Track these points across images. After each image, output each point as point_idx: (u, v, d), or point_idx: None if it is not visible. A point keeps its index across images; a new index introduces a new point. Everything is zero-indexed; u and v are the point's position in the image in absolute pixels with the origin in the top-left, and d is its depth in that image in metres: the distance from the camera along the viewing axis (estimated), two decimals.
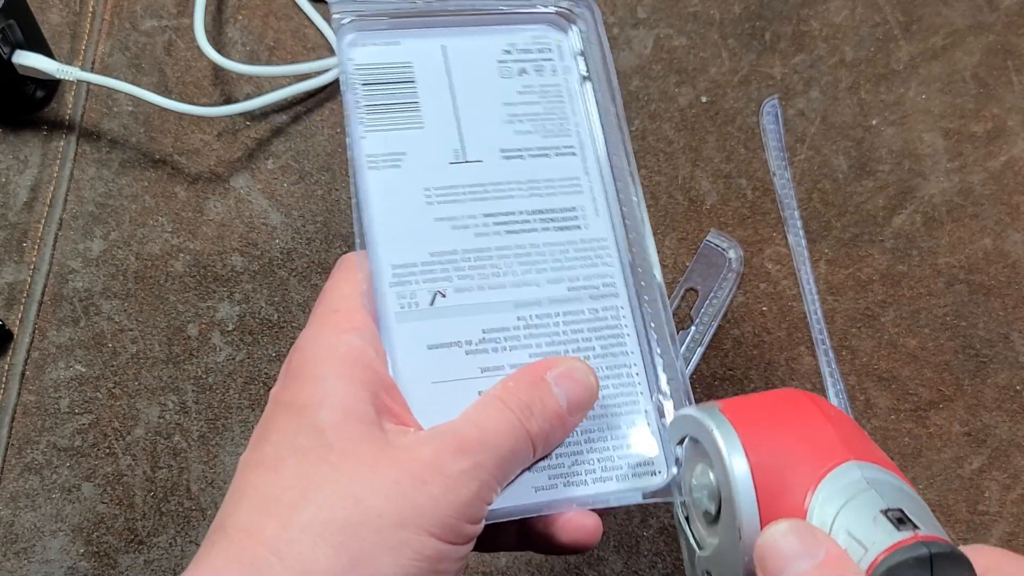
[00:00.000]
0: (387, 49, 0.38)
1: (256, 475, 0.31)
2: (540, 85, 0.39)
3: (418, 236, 0.36)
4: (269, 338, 0.51)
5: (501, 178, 0.38)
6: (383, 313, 0.34)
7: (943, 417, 0.52)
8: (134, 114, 0.56)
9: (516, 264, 0.36)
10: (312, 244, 0.53)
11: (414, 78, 0.38)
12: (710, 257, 0.54)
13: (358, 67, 0.38)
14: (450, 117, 0.38)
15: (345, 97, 0.37)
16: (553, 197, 0.38)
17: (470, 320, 0.35)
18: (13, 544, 0.47)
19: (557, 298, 0.36)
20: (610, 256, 0.37)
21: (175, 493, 0.48)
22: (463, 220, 0.37)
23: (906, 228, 0.55)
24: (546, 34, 0.40)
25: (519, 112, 0.39)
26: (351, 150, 0.36)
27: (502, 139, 0.38)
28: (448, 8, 0.39)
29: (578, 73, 0.40)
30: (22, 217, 0.53)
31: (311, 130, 0.56)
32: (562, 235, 0.37)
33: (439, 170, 0.37)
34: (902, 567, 0.26)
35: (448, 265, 0.36)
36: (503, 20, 0.40)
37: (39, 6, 0.57)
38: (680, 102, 0.58)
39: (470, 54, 0.39)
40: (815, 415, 0.31)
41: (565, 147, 0.39)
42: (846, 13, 0.60)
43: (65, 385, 0.50)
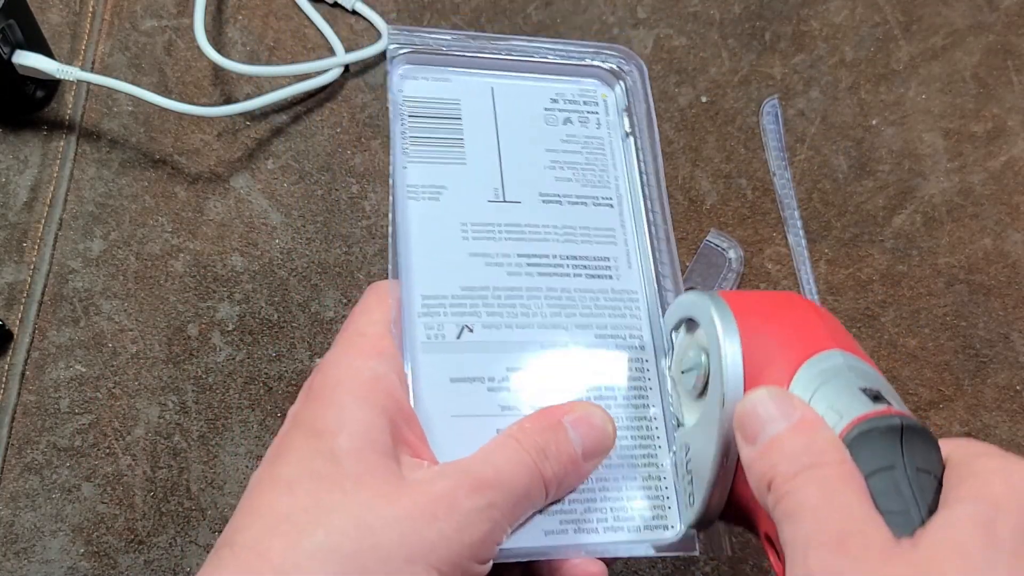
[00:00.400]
0: (437, 84, 0.39)
1: (270, 494, 0.30)
2: (584, 136, 0.40)
3: (451, 269, 0.36)
4: (269, 338, 0.51)
5: (538, 221, 0.38)
6: (409, 342, 0.34)
7: (943, 417, 0.51)
8: (134, 114, 0.56)
9: (545, 306, 0.36)
10: (312, 244, 0.53)
11: (461, 115, 0.39)
12: (710, 257, 0.54)
13: (407, 99, 0.38)
14: (493, 156, 0.38)
15: (392, 126, 0.37)
16: (588, 245, 0.38)
17: (495, 357, 0.35)
18: (13, 544, 0.47)
19: (585, 344, 0.36)
20: (639, 309, 0.38)
21: (175, 493, 0.48)
22: (497, 258, 0.37)
23: (906, 228, 0.55)
24: (594, 88, 0.41)
25: (561, 159, 0.39)
26: (393, 178, 0.36)
27: (542, 183, 0.39)
28: (500, 52, 0.40)
29: (622, 128, 0.40)
30: (22, 217, 0.53)
31: (311, 130, 0.56)
32: (593, 283, 0.37)
33: (477, 207, 0.37)
34: (873, 433, 0.28)
35: (478, 300, 0.36)
36: (553, 70, 0.41)
37: (39, 6, 0.57)
38: (680, 102, 0.58)
39: (517, 98, 0.40)
40: (808, 311, 0.33)
41: (603, 198, 0.39)
42: (846, 13, 0.60)
43: (65, 385, 0.50)
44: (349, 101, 0.57)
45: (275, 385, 0.50)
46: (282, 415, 0.50)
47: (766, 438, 0.29)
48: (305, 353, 0.51)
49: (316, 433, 0.31)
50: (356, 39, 0.58)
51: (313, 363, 0.51)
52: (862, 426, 0.28)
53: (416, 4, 0.59)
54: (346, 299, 0.52)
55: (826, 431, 0.28)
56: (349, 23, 0.59)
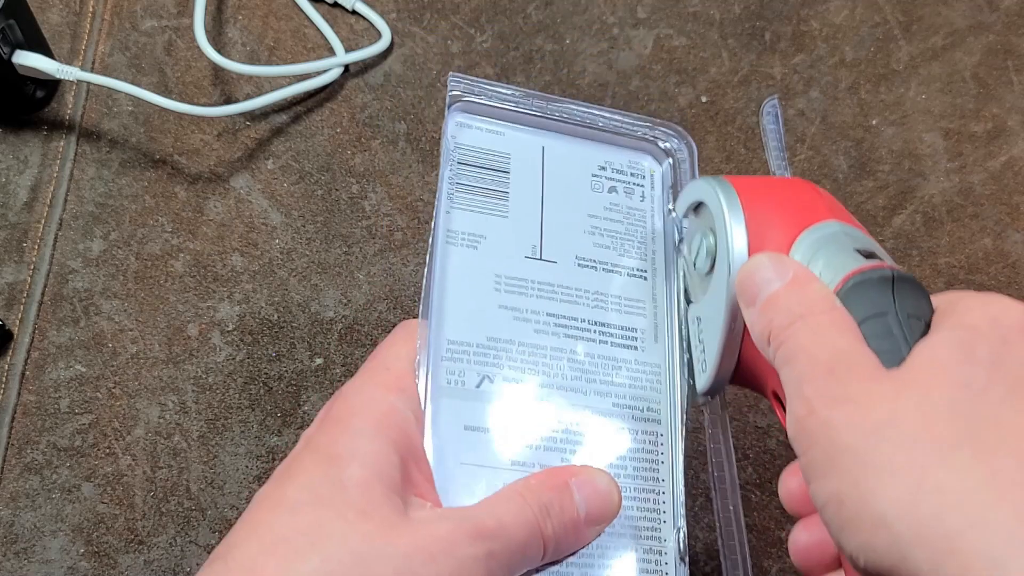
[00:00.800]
0: (490, 136, 0.40)
1: (272, 513, 0.31)
2: (627, 206, 0.40)
3: (480, 318, 0.36)
4: (269, 338, 0.51)
5: (571, 283, 0.38)
6: (428, 386, 0.34)
7: None
8: (134, 114, 0.56)
9: (568, 368, 0.37)
10: (312, 244, 0.53)
11: (510, 169, 0.39)
12: None
13: (459, 145, 0.39)
14: (535, 214, 0.39)
15: (442, 170, 0.38)
16: (617, 314, 0.38)
17: (511, 411, 0.35)
18: (13, 544, 0.47)
19: (602, 411, 0.36)
20: (661, 383, 0.38)
21: (175, 493, 0.48)
22: (526, 313, 0.37)
23: (906, 228, 0.55)
24: (642, 160, 0.41)
25: (601, 226, 0.40)
26: (436, 220, 0.37)
27: (579, 247, 0.39)
28: (555, 114, 0.40)
29: (665, 205, 0.41)
30: (22, 217, 0.53)
31: (311, 130, 0.56)
32: (618, 352, 0.38)
33: (513, 261, 0.38)
34: (866, 284, 0.30)
35: (502, 352, 0.36)
36: (604, 138, 0.41)
37: (39, 6, 0.57)
38: (680, 102, 0.58)
39: (567, 160, 0.40)
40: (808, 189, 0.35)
41: (638, 270, 0.39)
42: (846, 13, 0.60)
43: (65, 385, 0.50)
44: (349, 101, 0.57)
45: (275, 385, 0.50)
46: (282, 415, 0.50)
47: (763, 297, 0.31)
48: (305, 353, 0.51)
49: (328, 458, 0.31)
50: (356, 39, 0.58)
51: (313, 363, 0.51)
52: (856, 278, 0.30)
53: (416, 4, 0.59)
54: (346, 299, 0.52)
55: (818, 285, 0.30)
56: (349, 23, 0.59)
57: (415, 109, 0.57)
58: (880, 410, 0.26)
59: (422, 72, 0.58)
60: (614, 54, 0.58)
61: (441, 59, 0.58)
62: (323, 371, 0.51)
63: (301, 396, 0.50)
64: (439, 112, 0.57)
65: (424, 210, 0.54)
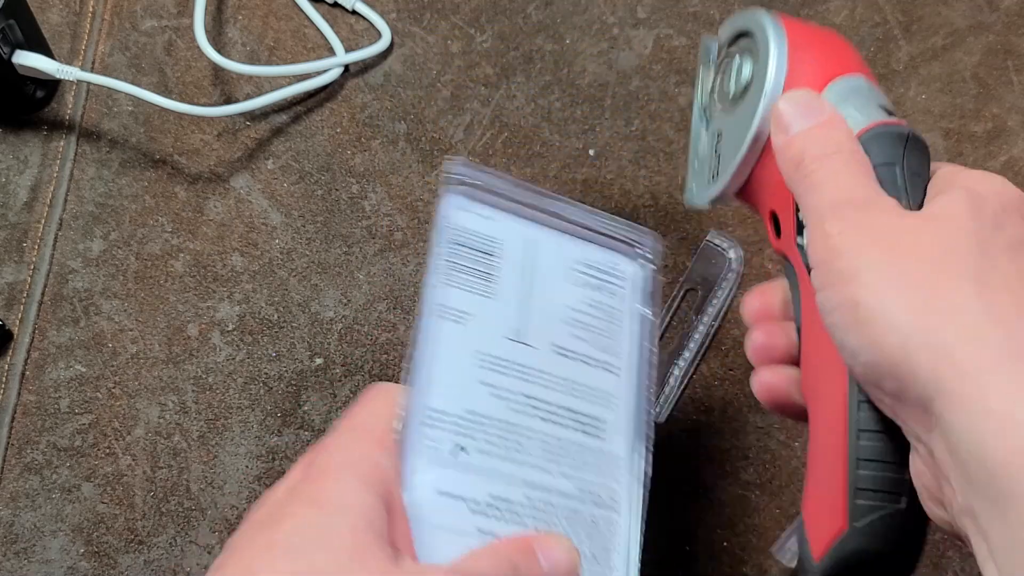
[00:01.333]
0: (482, 220, 0.41)
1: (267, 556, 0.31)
2: (605, 304, 0.43)
3: (460, 390, 0.38)
4: (269, 338, 0.51)
5: (547, 368, 0.40)
6: (407, 448, 0.36)
7: None
8: (134, 114, 0.56)
9: (538, 448, 0.38)
10: (312, 244, 0.53)
11: (498, 254, 0.41)
12: (710, 257, 0.54)
13: (451, 226, 0.40)
14: (519, 299, 0.41)
15: (435, 245, 0.40)
16: (587, 403, 0.40)
17: (482, 481, 0.37)
18: (13, 544, 0.47)
19: (565, 492, 0.38)
20: (620, 474, 0.40)
21: (175, 493, 0.48)
22: (503, 392, 0.39)
23: None
24: (620, 262, 0.44)
25: (580, 319, 0.42)
26: (425, 291, 0.39)
27: (558, 336, 0.41)
28: (545, 207, 0.43)
29: (640, 308, 0.43)
30: (22, 217, 0.53)
31: (311, 130, 0.56)
32: (585, 439, 0.40)
33: (495, 341, 0.39)
34: (884, 136, 0.34)
35: (477, 426, 0.38)
36: (588, 236, 0.44)
37: (39, 6, 0.57)
38: (680, 102, 0.58)
39: (554, 253, 0.43)
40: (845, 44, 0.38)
41: (610, 364, 0.42)
42: (846, 13, 0.60)
43: (65, 385, 0.50)
44: (349, 101, 0.57)
45: (275, 385, 0.50)
46: (282, 415, 0.50)
47: (798, 128, 0.35)
48: (305, 353, 0.51)
49: (318, 505, 0.32)
50: (356, 39, 0.58)
51: (313, 363, 0.51)
52: (877, 130, 0.35)
53: (416, 4, 0.59)
54: (346, 299, 0.52)
55: (847, 129, 0.34)
56: (349, 23, 0.59)
57: (415, 109, 0.57)
58: (905, 239, 0.31)
59: (422, 72, 0.58)
60: (614, 54, 0.59)
61: (441, 59, 0.58)
62: (323, 371, 0.51)
63: (301, 396, 0.50)
64: (439, 112, 0.57)
65: (424, 210, 0.54)
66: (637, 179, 0.56)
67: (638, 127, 0.57)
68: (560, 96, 0.57)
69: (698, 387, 0.52)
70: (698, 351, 0.52)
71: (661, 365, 0.52)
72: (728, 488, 0.50)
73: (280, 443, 0.49)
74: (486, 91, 0.57)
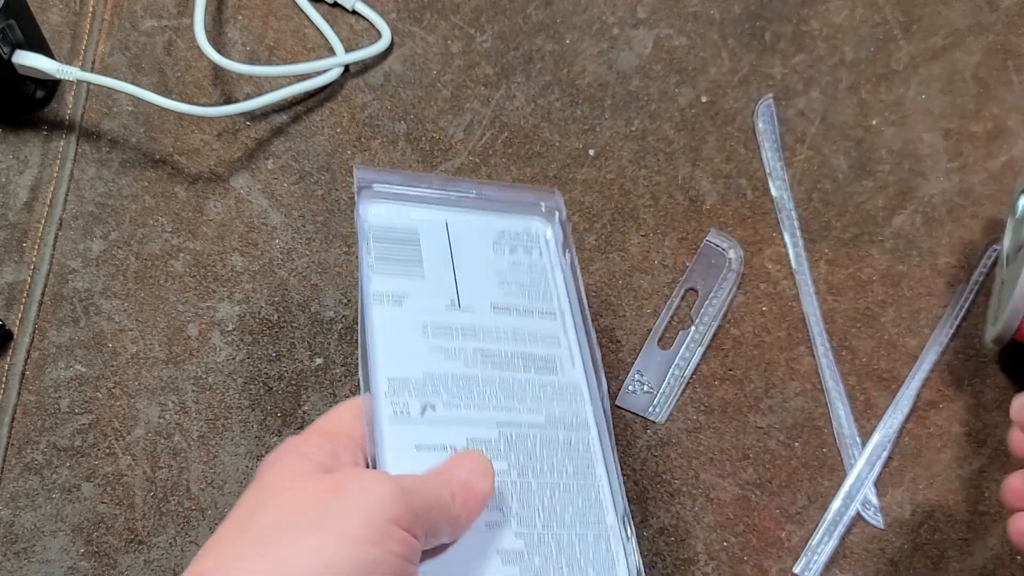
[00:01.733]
0: (398, 215, 0.45)
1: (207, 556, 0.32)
2: (528, 263, 0.46)
3: (414, 359, 0.40)
4: (269, 338, 0.51)
5: (490, 324, 0.43)
6: (377, 419, 0.38)
7: (943, 417, 0.52)
8: (134, 114, 0.56)
9: (500, 392, 0.41)
10: (312, 244, 0.53)
11: (418, 240, 0.44)
12: (710, 257, 0.54)
13: (371, 226, 0.44)
14: (448, 274, 0.44)
15: (360, 244, 0.43)
16: (535, 346, 0.43)
17: (456, 430, 0.39)
18: (13, 544, 0.47)
19: (535, 423, 0.41)
20: (583, 398, 0.43)
21: (175, 493, 0.48)
22: (455, 352, 0.41)
23: (906, 228, 0.55)
24: (535, 226, 0.47)
25: (509, 279, 0.45)
26: (360, 284, 0.41)
27: (493, 296, 0.44)
28: (452, 191, 0.46)
29: (558, 257, 0.46)
30: (22, 217, 0.53)
31: (311, 130, 0.56)
32: (541, 377, 0.42)
33: (436, 312, 0.42)
34: None
35: (439, 385, 0.40)
36: (500, 209, 0.47)
37: (39, 6, 0.57)
38: (680, 102, 0.58)
39: (469, 230, 0.46)
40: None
41: (547, 311, 0.45)
42: (846, 13, 0.60)
43: (65, 385, 0.50)
44: (349, 101, 0.57)
45: (275, 385, 0.50)
46: (282, 415, 0.50)
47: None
48: (305, 353, 0.51)
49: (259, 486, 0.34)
50: (356, 39, 0.58)
51: (313, 363, 0.51)
52: None
53: (416, 4, 0.59)
54: (346, 299, 0.52)
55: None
56: (349, 23, 0.59)
57: (415, 109, 0.57)
58: None
59: (422, 72, 0.58)
60: (614, 54, 0.58)
61: (441, 59, 0.58)
62: (323, 371, 0.51)
63: (301, 396, 0.50)
64: (439, 112, 0.57)
65: None
66: (637, 179, 0.56)
67: (638, 127, 0.57)
68: (560, 96, 0.57)
69: (698, 387, 0.52)
70: (698, 351, 0.52)
71: (661, 365, 0.52)
72: (728, 488, 0.50)
73: (280, 443, 0.49)
74: (486, 91, 0.57)
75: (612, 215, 0.55)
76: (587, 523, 0.39)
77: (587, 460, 0.41)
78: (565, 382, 0.43)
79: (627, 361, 0.52)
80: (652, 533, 0.49)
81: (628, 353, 0.52)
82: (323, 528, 0.31)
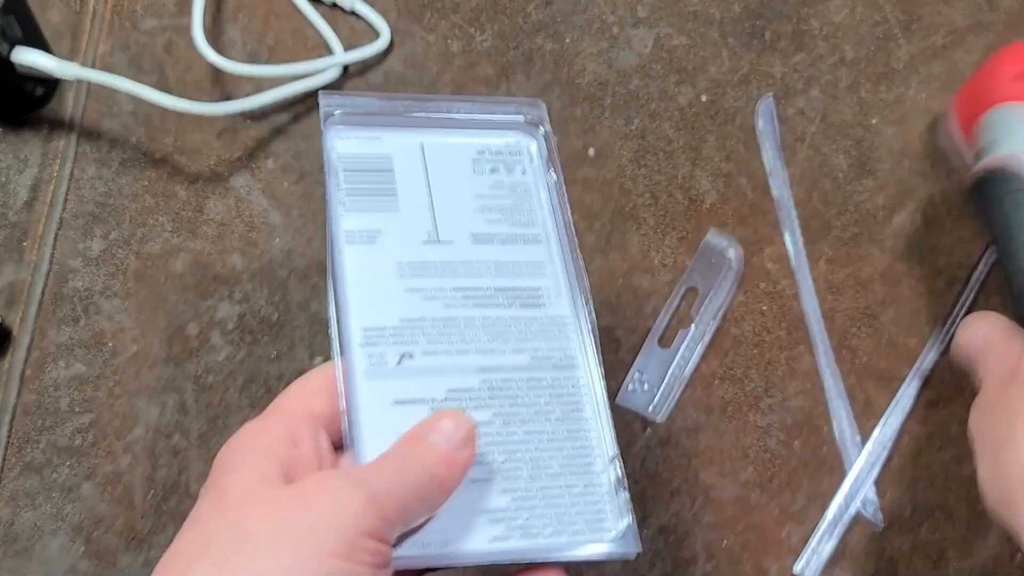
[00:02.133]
0: (369, 142, 0.42)
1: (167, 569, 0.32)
2: (510, 183, 0.43)
3: (389, 303, 0.38)
4: (269, 337, 0.51)
5: (470, 258, 0.40)
6: (351, 372, 0.36)
7: (943, 417, 0.52)
8: (134, 113, 0.56)
9: (482, 333, 0.39)
10: (312, 243, 0.53)
11: (392, 168, 0.41)
12: (709, 256, 0.54)
13: (340, 156, 0.41)
14: (425, 204, 0.41)
15: (328, 180, 0.40)
16: (519, 278, 0.41)
17: (436, 380, 0.37)
18: (13, 544, 0.47)
19: (520, 366, 0.39)
20: (570, 332, 0.40)
21: (175, 492, 0.48)
22: (433, 292, 0.39)
23: (906, 228, 0.55)
24: (517, 139, 0.44)
25: (490, 204, 0.42)
26: (329, 226, 0.39)
27: (473, 225, 0.41)
28: (427, 113, 0.43)
29: (545, 174, 0.44)
30: (22, 216, 0.53)
31: (311, 129, 0.56)
32: (526, 311, 0.40)
33: (412, 248, 0.40)
34: None
35: (417, 330, 0.38)
36: (477, 125, 0.44)
37: (39, 5, 0.57)
38: (680, 101, 0.58)
39: (446, 152, 0.43)
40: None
41: (531, 236, 0.42)
42: (846, 12, 0.60)
43: (65, 384, 0.50)
44: None
45: (275, 385, 0.51)
46: None
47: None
48: (305, 353, 0.51)
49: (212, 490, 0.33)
50: (358, 38, 0.58)
51: (313, 363, 0.51)
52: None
53: (416, 4, 0.59)
54: None
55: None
56: (350, 23, 0.59)
57: None
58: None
59: (422, 72, 0.58)
60: (614, 53, 0.58)
61: (441, 58, 0.58)
62: None
63: None
64: None
65: None
66: (637, 179, 0.56)
67: (638, 126, 0.57)
68: (560, 95, 0.57)
69: (698, 387, 0.52)
70: (698, 350, 0.52)
71: (661, 364, 0.52)
72: (728, 487, 0.50)
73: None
74: (486, 91, 0.57)
75: (612, 214, 0.55)
76: (575, 472, 0.37)
77: (574, 402, 0.38)
78: (551, 315, 0.40)
79: (627, 360, 0.52)
80: (651, 532, 0.49)
81: (628, 352, 0.52)
82: (291, 546, 0.30)
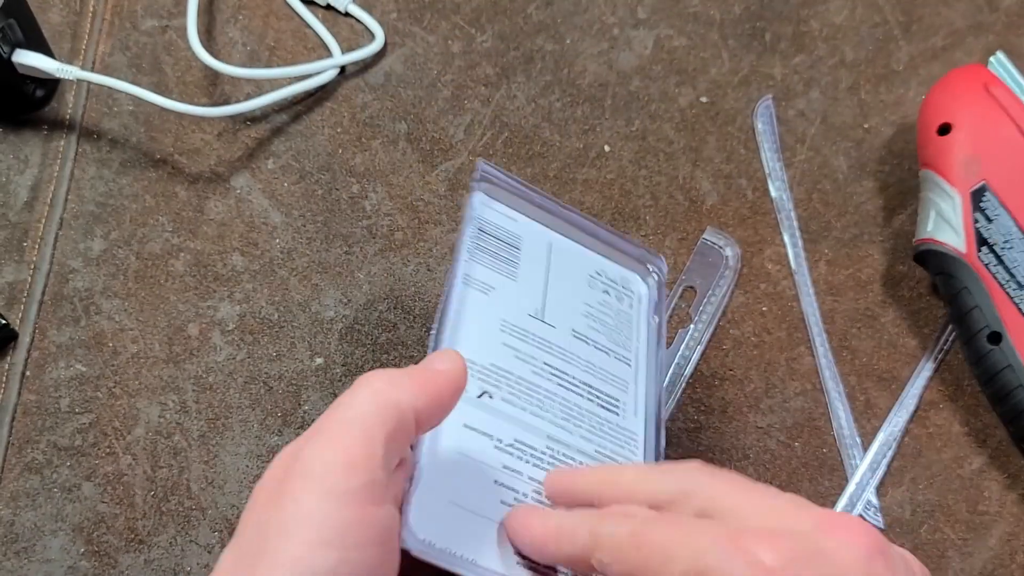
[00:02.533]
0: (506, 217, 0.45)
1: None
2: (616, 308, 0.46)
3: (485, 347, 0.40)
4: (269, 338, 0.51)
5: (566, 346, 0.42)
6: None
7: (943, 417, 0.52)
8: (134, 114, 0.56)
9: (559, 410, 0.40)
10: (312, 244, 0.53)
11: (520, 247, 0.44)
12: (707, 255, 0.54)
13: (478, 217, 0.44)
14: (540, 287, 0.44)
15: (462, 228, 0.43)
16: (604, 383, 0.43)
17: (506, 425, 0.38)
18: (13, 544, 0.47)
19: (584, 451, 0.40)
20: (637, 448, 0.42)
21: (175, 492, 0.48)
22: (526, 357, 0.41)
23: (906, 228, 0.55)
24: (631, 278, 0.48)
25: (595, 314, 0.45)
26: (455, 262, 0.42)
27: (576, 323, 0.44)
28: (564, 218, 0.46)
29: (648, 316, 0.47)
30: (22, 216, 0.53)
31: (311, 130, 0.56)
32: (602, 411, 0.42)
33: (519, 314, 0.42)
34: None
35: (502, 379, 0.40)
36: (603, 250, 0.47)
37: (39, 6, 0.57)
38: (680, 102, 0.58)
39: (569, 256, 0.46)
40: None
41: (623, 356, 0.44)
42: (846, 13, 0.60)
43: (65, 384, 0.50)
44: (349, 101, 0.57)
45: (275, 384, 0.51)
46: (282, 414, 0.50)
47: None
48: (305, 353, 0.51)
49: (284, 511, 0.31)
50: (357, 39, 0.58)
51: (313, 363, 0.51)
52: None
53: (416, 4, 0.59)
54: (346, 299, 0.52)
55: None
56: (350, 24, 0.59)
57: (415, 109, 0.57)
58: None
59: (422, 72, 0.58)
60: (614, 54, 0.59)
61: (441, 59, 0.58)
62: (323, 371, 0.51)
63: (301, 396, 0.50)
64: (440, 112, 0.57)
65: (424, 210, 0.54)
66: (637, 179, 0.56)
67: (638, 127, 0.57)
68: (560, 96, 0.57)
69: (698, 387, 0.52)
70: (698, 349, 0.52)
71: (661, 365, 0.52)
72: None
73: (280, 443, 0.49)
74: (486, 91, 0.57)
75: (612, 215, 0.55)
76: None
77: None
78: (624, 426, 0.42)
79: None
80: None
81: None
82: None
